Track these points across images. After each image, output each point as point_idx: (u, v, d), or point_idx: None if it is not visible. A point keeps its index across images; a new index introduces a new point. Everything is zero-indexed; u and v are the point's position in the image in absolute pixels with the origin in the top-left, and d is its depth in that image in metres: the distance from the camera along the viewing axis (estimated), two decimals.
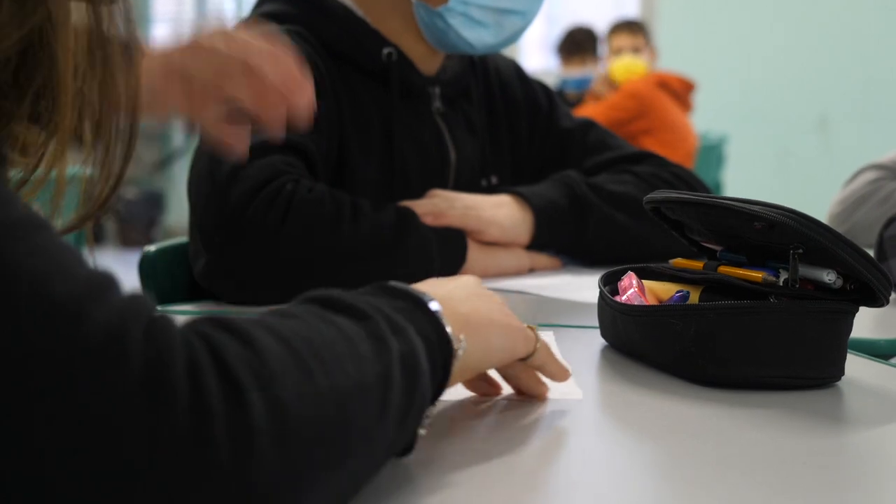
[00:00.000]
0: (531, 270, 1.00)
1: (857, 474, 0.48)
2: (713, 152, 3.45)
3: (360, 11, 0.98)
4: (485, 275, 0.92)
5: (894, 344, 0.74)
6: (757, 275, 0.59)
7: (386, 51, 0.97)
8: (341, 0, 0.98)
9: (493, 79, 1.10)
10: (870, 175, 1.25)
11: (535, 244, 0.99)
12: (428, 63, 1.01)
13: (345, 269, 0.84)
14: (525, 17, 0.97)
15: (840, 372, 0.59)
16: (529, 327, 0.53)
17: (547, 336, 0.60)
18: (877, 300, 0.58)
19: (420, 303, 0.44)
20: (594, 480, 0.46)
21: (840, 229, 1.25)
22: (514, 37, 0.99)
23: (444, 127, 1.03)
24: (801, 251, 0.57)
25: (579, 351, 0.67)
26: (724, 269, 0.62)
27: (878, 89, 4.20)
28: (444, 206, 0.93)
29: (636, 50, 3.21)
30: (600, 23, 3.66)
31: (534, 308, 0.87)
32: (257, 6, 1.01)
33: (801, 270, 0.58)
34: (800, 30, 4.43)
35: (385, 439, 0.38)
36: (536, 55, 4.95)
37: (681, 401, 0.57)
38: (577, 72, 3.45)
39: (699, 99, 3.34)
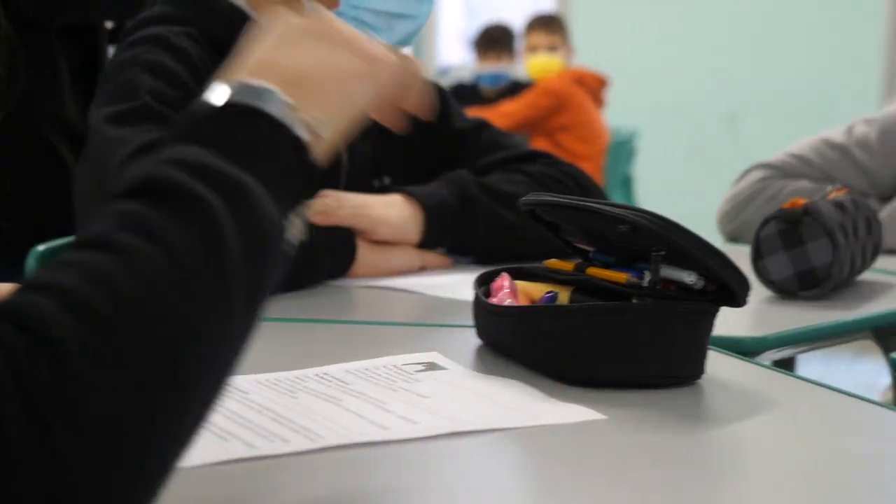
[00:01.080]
0: (422, 269, 1.00)
1: (716, 469, 0.50)
2: (624, 147, 3.54)
3: (251, 13, 0.97)
4: (375, 273, 0.95)
5: (761, 342, 0.77)
6: (621, 276, 0.60)
7: None
8: (232, 0, 0.98)
9: None
10: (758, 174, 1.29)
11: (426, 243, 1.00)
12: None
13: None
14: (416, 20, 0.99)
15: (700, 370, 0.61)
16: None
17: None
18: (736, 300, 0.60)
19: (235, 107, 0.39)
20: (452, 481, 0.46)
21: (729, 227, 1.31)
22: (405, 40, 1.01)
23: None
24: (662, 253, 0.59)
25: (456, 349, 0.68)
26: (592, 270, 0.63)
27: (786, 85, 4.33)
28: (333, 205, 0.94)
29: (552, 48, 3.28)
30: (519, 17, 3.70)
31: (420, 307, 0.88)
32: (148, 9, 1.00)
33: (665, 272, 0.60)
34: (710, 26, 4.54)
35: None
36: (455, 50, 4.97)
37: (546, 399, 0.57)
38: (492, 67, 3.50)
39: (611, 94, 3.42)
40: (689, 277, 0.59)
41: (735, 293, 0.60)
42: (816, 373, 2.64)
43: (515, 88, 3.33)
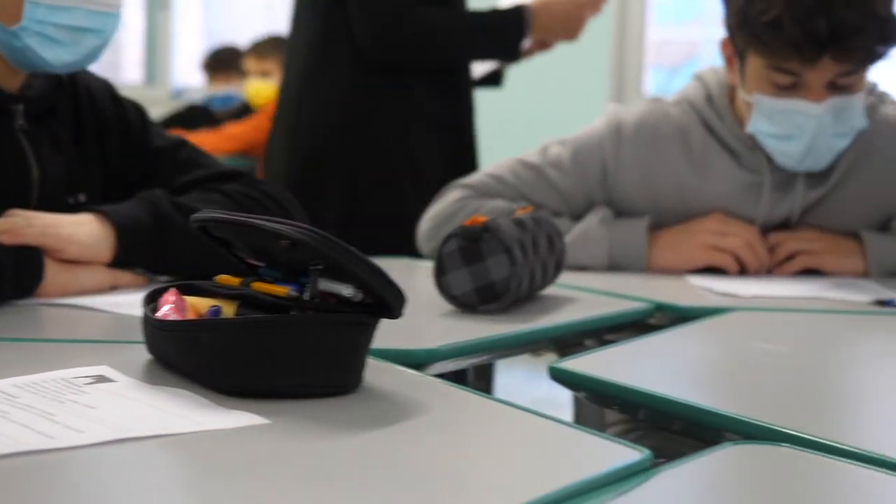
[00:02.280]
0: (114, 288, 1.00)
1: (366, 475, 0.52)
2: None
3: None
4: (64, 293, 0.94)
5: (432, 353, 0.82)
6: (282, 290, 0.62)
7: None
8: None
9: (84, 97, 1.11)
10: (456, 194, 1.35)
11: (118, 262, 1.00)
12: (9, 81, 1.02)
13: None
14: (102, 35, 1.00)
15: (358, 379, 0.64)
16: None
17: None
18: (392, 313, 0.64)
19: None
20: (116, 488, 0.46)
21: (428, 246, 1.37)
22: (92, 54, 1.02)
23: (27, 145, 1.03)
24: (320, 267, 0.62)
25: (128, 364, 0.67)
26: (256, 285, 0.65)
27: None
28: (21, 223, 0.93)
29: (265, 74, 3.32)
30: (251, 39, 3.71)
31: (99, 324, 0.87)
32: None
33: (323, 285, 0.62)
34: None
35: None
36: (192, 72, 4.84)
37: (211, 407, 0.58)
38: (222, 89, 3.48)
39: None
40: (346, 290, 0.62)
41: (391, 305, 0.64)
42: (516, 383, 2.85)
43: (246, 110, 3.32)
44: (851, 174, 1.30)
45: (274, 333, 0.60)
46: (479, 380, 1.39)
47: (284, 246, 0.62)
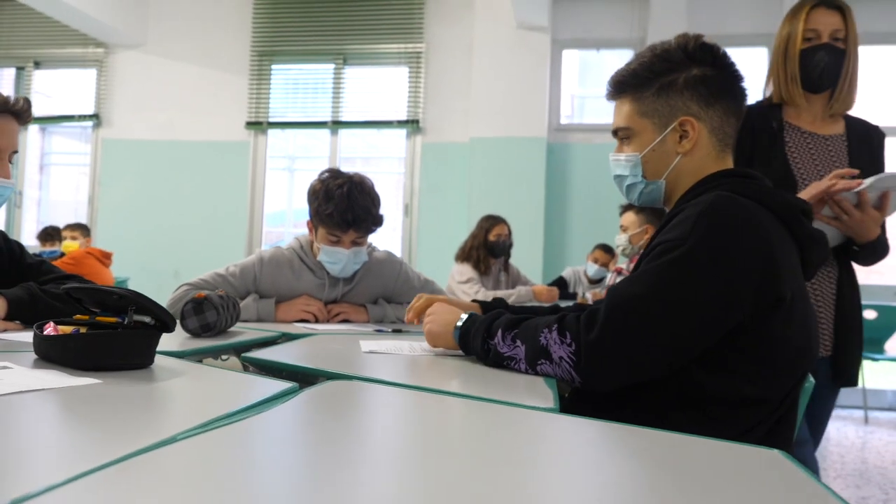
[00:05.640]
0: (4, 330, 1.66)
1: (143, 403, 1.19)
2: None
3: None
4: None
5: (183, 353, 1.50)
6: (113, 319, 1.29)
7: None
8: None
9: None
10: (185, 287, 2.30)
11: (9, 317, 1.71)
12: None
13: None
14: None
15: (151, 361, 1.31)
16: None
17: None
18: (169, 330, 1.33)
19: None
20: None
21: (174, 308, 2.13)
22: None
23: None
24: (134, 308, 1.30)
25: (20, 361, 1.28)
26: (99, 318, 1.31)
27: (219, 248, 6.62)
28: None
29: (73, 238, 5.61)
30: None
31: (6, 345, 1.45)
32: None
33: (136, 317, 1.30)
34: (156, 190, 7.33)
35: None
36: (32, 240, 6.57)
37: (67, 378, 1.22)
38: (49, 248, 4.90)
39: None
40: (146, 318, 1.31)
41: (169, 326, 1.32)
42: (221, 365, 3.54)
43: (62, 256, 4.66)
44: (361, 280, 2.53)
45: (109, 339, 1.26)
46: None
47: (115, 299, 1.30)
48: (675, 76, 1.45)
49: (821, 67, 2.03)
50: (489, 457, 0.78)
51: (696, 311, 1.23)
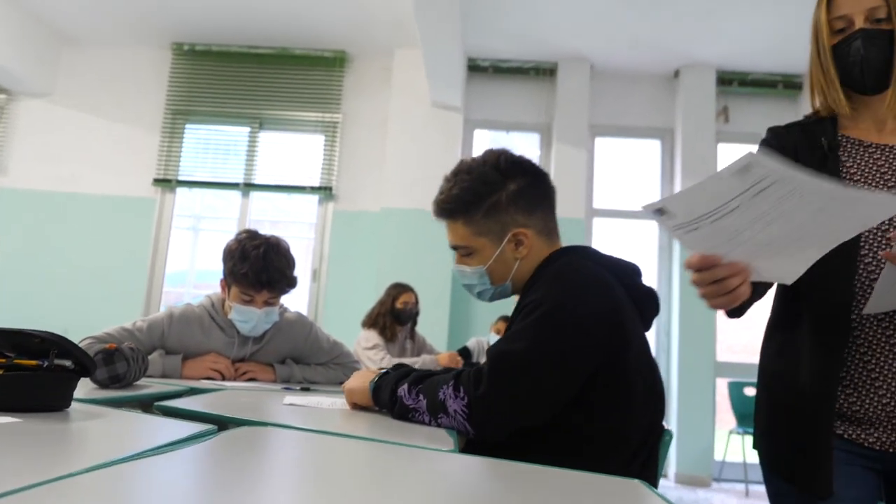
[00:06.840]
0: None
1: (60, 440, 1.24)
2: None
3: None
4: None
5: (96, 400, 1.54)
6: (34, 362, 1.34)
7: None
8: None
9: None
10: (90, 339, 2.35)
11: None
12: None
13: None
14: None
15: (68, 404, 1.35)
16: None
17: None
18: (90, 374, 1.38)
19: None
20: None
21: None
22: None
23: None
24: (56, 351, 1.34)
25: None
26: (18, 360, 1.35)
27: (116, 305, 6.70)
28: None
29: None
30: None
31: None
32: None
33: (57, 361, 1.35)
34: (51, 243, 7.00)
35: None
36: None
37: None
38: None
39: None
40: (67, 363, 1.35)
41: (90, 371, 1.37)
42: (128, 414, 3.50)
43: None
44: (271, 340, 2.62)
45: (30, 381, 1.30)
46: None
47: (36, 341, 1.34)
48: (497, 196, 1.67)
49: (859, 61, 1.54)
50: (387, 491, 0.87)
51: (566, 359, 1.42)
